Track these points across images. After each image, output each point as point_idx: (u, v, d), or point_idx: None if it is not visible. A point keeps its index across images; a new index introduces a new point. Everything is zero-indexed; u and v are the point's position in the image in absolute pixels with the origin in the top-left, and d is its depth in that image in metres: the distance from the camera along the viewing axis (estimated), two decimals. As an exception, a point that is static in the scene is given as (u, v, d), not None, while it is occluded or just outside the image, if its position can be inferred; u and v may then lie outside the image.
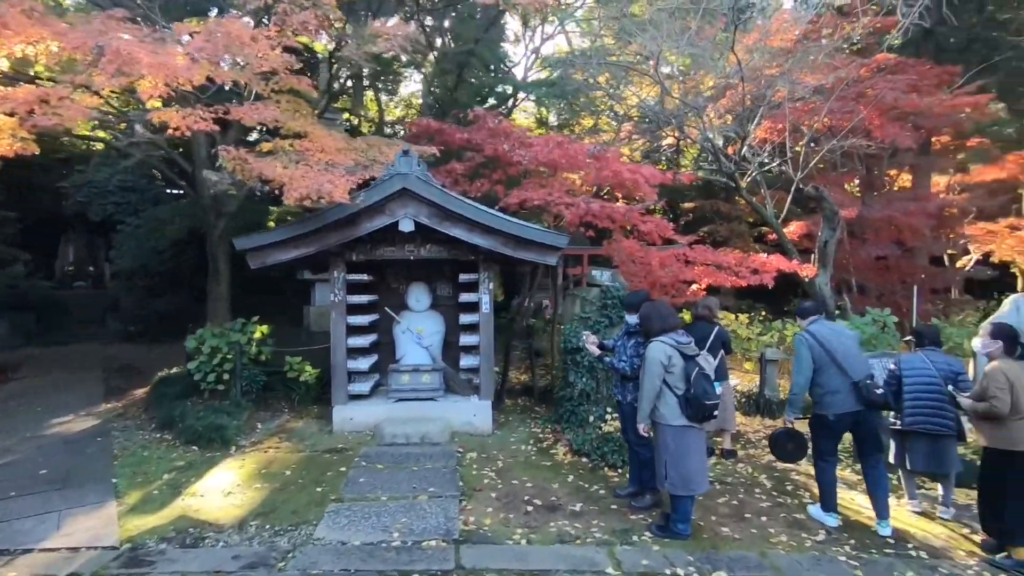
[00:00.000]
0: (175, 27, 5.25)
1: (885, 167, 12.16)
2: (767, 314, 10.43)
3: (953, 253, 12.76)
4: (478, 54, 10.89)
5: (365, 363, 6.44)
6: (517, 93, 12.96)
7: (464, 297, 6.42)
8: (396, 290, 7.00)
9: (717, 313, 5.88)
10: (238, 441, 5.75)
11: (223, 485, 4.76)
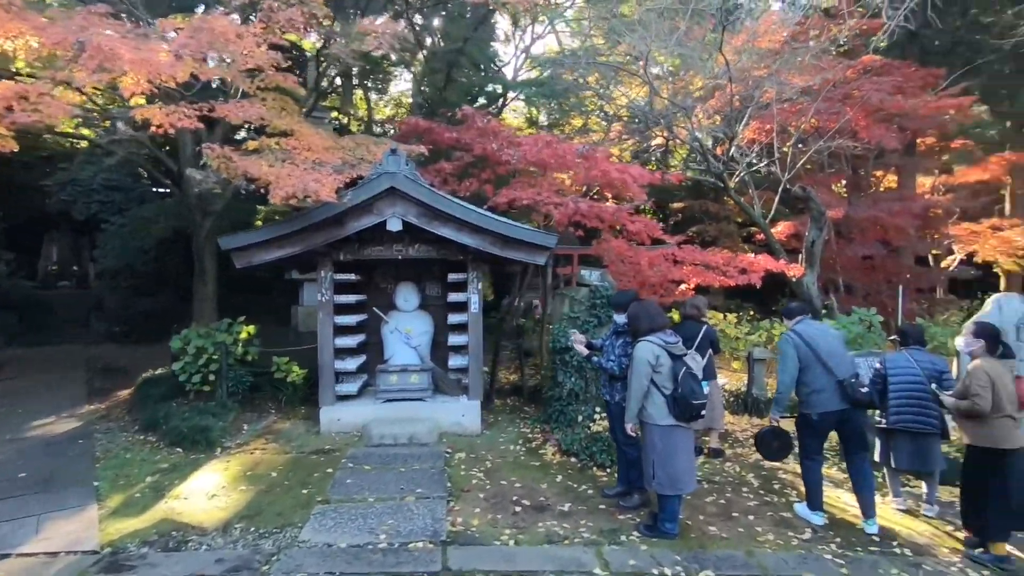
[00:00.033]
0: (159, 23, 5.18)
1: (871, 168, 12.29)
2: (755, 313, 10.50)
3: (937, 253, 12.93)
4: (467, 53, 10.85)
5: (353, 363, 6.39)
6: (507, 93, 12.93)
7: (453, 297, 6.40)
8: (384, 290, 6.96)
9: (705, 312, 5.90)
10: (223, 443, 5.69)
11: (207, 487, 4.70)
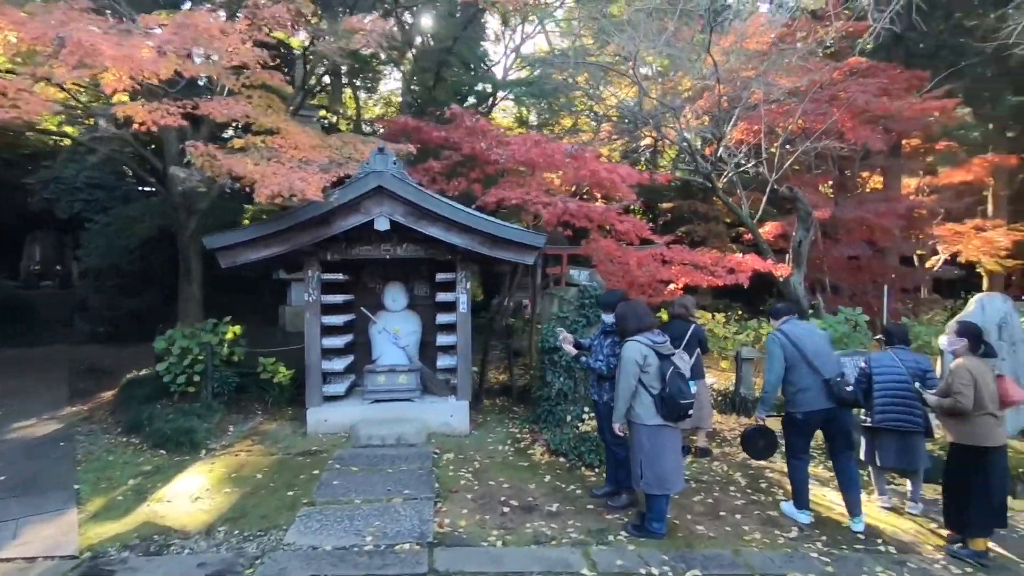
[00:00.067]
0: (141, 19, 5.09)
1: (857, 169, 12.42)
2: (743, 313, 10.56)
3: (922, 253, 13.09)
4: (456, 52, 10.82)
5: (340, 364, 6.34)
6: (496, 92, 12.92)
7: (441, 297, 6.36)
8: (372, 290, 6.91)
9: (693, 312, 5.93)
10: (208, 444, 5.61)
11: (191, 490, 4.64)
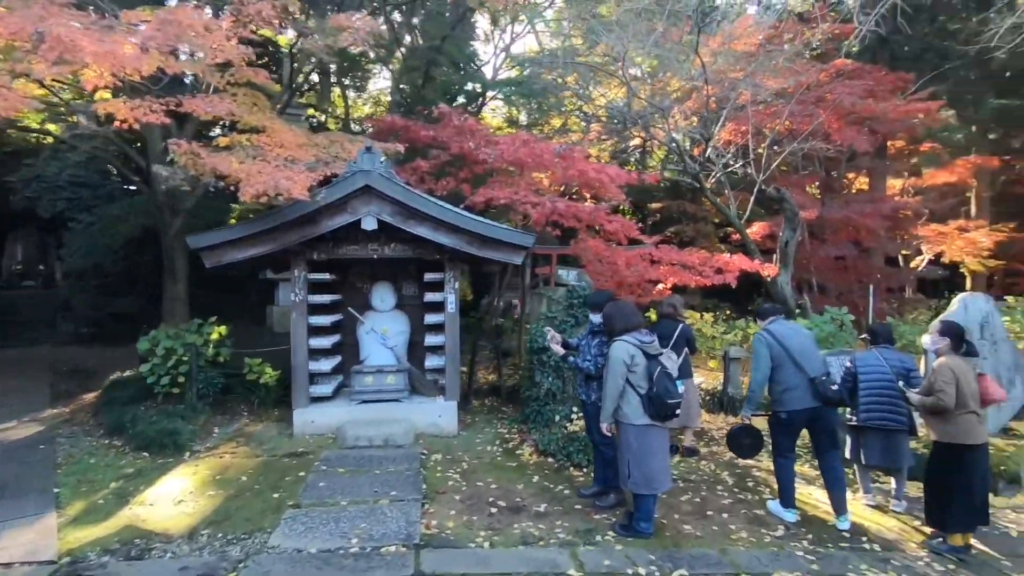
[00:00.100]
0: (124, 15, 5.00)
1: (844, 170, 12.55)
2: (731, 313, 10.62)
3: (907, 254, 13.26)
4: (446, 51, 10.78)
5: (327, 364, 6.29)
6: (486, 92, 12.89)
7: (430, 297, 6.33)
8: (360, 290, 6.85)
9: (682, 311, 5.95)
10: (192, 446, 5.54)
11: (174, 493, 4.57)
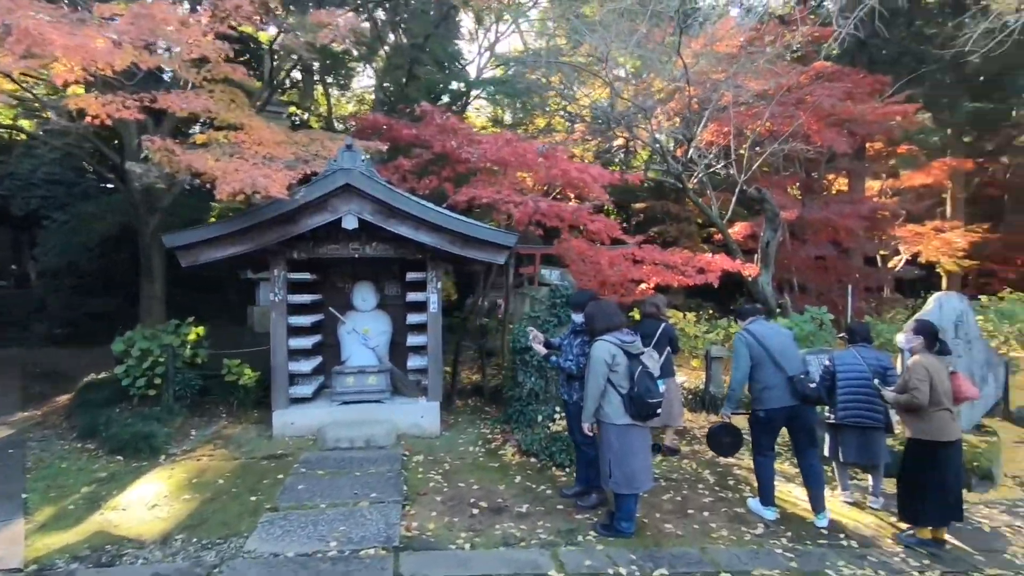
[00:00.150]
0: (96, 8, 4.88)
1: (823, 171, 12.73)
2: (714, 312, 10.70)
3: (885, 254, 13.48)
4: (429, 50, 10.71)
5: (308, 365, 6.20)
6: (470, 91, 12.83)
7: (412, 296, 6.28)
8: (341, 289, 6.77)
9: (664, 310, 5.97)
10: (168, 449, 5.43)
11: (148, 497, 4.47)
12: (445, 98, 12.67)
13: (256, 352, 6.87)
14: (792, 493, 4.71)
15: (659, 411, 3.92)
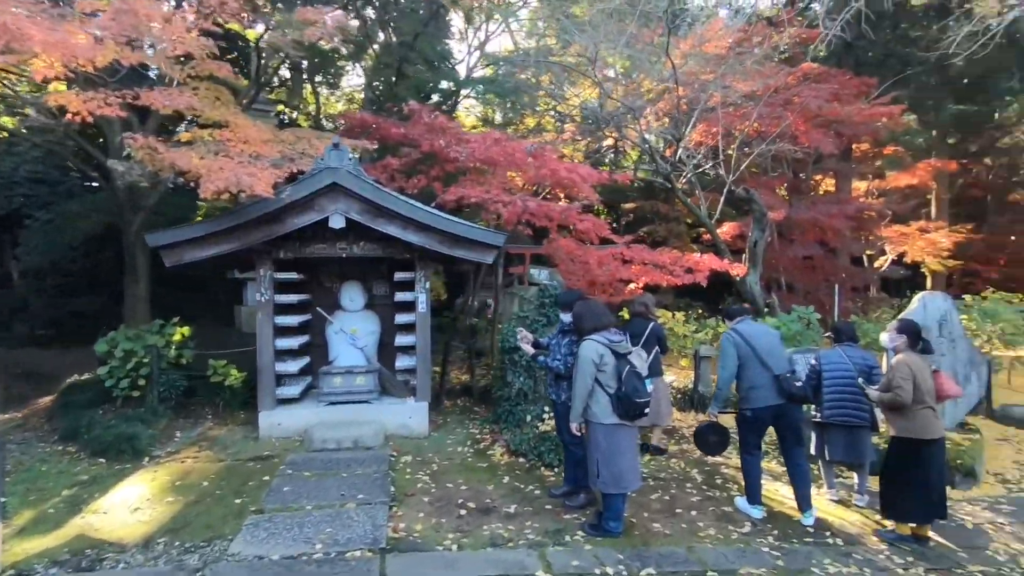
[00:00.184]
0: (78, 3, 4.80)
1: (811, 172, 12.84)
2: (703, 312, 10.76)
3: (871, 254, 13.62)
4: (419, 49, 10.66)
5: (295, 365, 6.15)
6: (460, 90, 12.80)
7: (400, 296, 6.24)
8: (329, 289, 6.73)
9: (653, 310, 5.98)
10: (152, 451, 5.36)
11: (131, 500, 4.40)
12: (435, 97, 12.63)
13: (243, 352, 6.80)
14: (779, 492, 4.74)
15: (647, 411, 3.92)
